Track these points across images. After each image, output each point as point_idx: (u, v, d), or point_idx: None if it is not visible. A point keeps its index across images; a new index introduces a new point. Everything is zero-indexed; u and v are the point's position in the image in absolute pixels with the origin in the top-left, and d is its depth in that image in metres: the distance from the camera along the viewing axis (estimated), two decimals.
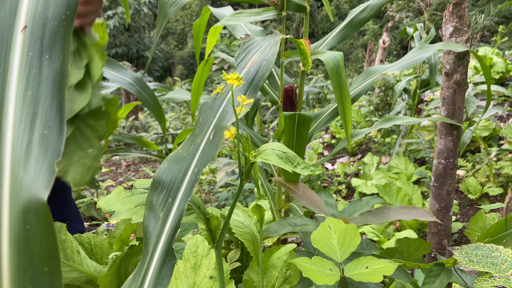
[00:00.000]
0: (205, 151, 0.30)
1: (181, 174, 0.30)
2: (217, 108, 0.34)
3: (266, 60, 0.35)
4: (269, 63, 0.35)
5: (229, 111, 0.33)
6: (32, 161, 0.17)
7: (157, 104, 1.10)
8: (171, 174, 0.30)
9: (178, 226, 0.27)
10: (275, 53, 0.36)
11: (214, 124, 0.33)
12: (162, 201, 0.29)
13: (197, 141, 0.32)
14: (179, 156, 0.31)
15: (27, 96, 0.17)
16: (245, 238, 0.77)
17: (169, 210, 0.29)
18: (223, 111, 0.33)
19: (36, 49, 0.17)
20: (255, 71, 0.35)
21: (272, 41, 0.40)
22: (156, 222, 0.28)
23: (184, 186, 0.29)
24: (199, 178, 0.30)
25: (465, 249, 0.53)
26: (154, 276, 0.26)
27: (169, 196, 0.29)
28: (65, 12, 0.17)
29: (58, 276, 0.16)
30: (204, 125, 0.33)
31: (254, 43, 0.41)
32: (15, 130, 0.17)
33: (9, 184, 0.17)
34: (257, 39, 0.42)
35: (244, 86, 0.34)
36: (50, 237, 0.17)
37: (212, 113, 0.34)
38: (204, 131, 0.33)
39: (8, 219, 0.17)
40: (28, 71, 0.17)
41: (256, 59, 0.36)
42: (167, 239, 0.27)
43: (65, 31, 0.17)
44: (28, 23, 0.17)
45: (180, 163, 0.31)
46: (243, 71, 0.36)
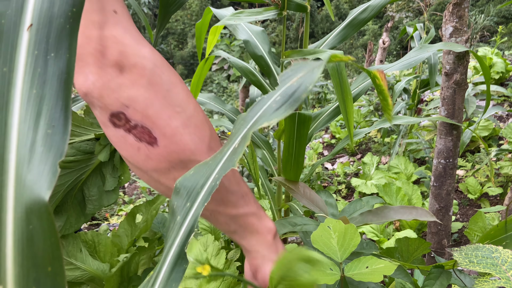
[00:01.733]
0: (228, 159, 0.30)
1: (203, 180, 0.30)
2: (250, 119, 0.34)
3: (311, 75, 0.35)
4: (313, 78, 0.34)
5: (259, 121, 0.32)
6: (36, 161, 0.17)
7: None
8: (193, 180, 0.30)
9: (193, 230, 0.27)
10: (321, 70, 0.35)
11: (243, 134, 0.32)
12: (181, 205, 0.29)
13: (225, 150, 0.32)
14: (205, 165, 0.31)
15: (32, 95, 0.17)
16: None
17: (186, 214, 0.29)
18: (255, 122, 0.33)
19: (41, 48, 0.17)
20: (297, 85, 0.34)
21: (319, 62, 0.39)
22: (174, 226, 0.28)
23: (203, 192, 0.29)
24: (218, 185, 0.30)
25: (465, 250, 0.53)
26: (164, 279, 0.26)
27: (188, 200, 0.29)
28: (71, 9, 0.17)
29: (61, 276, 0.17)
30: (233, 136, 0.33)
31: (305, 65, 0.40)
32: (20, 130, 0.17)
33: (14, 183, 0.17)
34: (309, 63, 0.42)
35: (282, 99, 0.33)
36: (52, 237, 0.17)
37: (245, 124, 0.34)
38: (232, 141, 0.32)
39: (12, 218, 0.17)
40: (33, 69, 0.17)
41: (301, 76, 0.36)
42: (180, 243, 0.27)
43: (71, 29, 0.17)
44: (34, 21, 0.17)
45: (204, 170, 0.31)
46: (285, 86, 0.35)
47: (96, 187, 0.66)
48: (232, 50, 4.53)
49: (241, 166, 2.30)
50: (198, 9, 21.20)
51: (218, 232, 1.21)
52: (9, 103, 0.17)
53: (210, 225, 1.21)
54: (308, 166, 2.89)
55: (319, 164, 1.11)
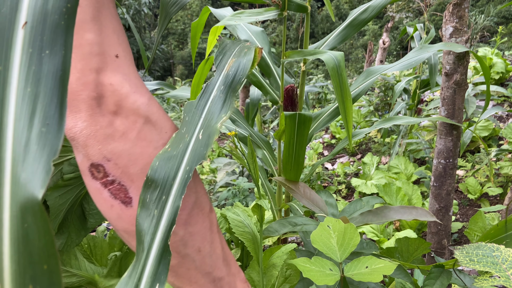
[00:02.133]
0: (195, 150, 0.31)
1: (173, 172, 0.31)
2: (202, 108, 0.36)
3: (242, 65, 0.38)
4: (245, 68, 0.38)
5: (215, 111, 0.34)
6: (30, 159, 0.17)
7: None
8: (163, 173, 0.31)
9: (173, 223, 0.28)
10: (250, 59, 0.39)
11: (201, 123, 0.34)
12: (156, 199, 0.30)
13: (186, 140, 0.32)
14: (169, 155, 0.32)
15: (27, 93, 0.17)
16: (246, 238, 0.77)
17: (163, 207, 0.29)
18: (209, 111, 0.35)
19: (36, 45, 0.17)
20: (232, 74, 0.38)
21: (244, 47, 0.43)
22: (151, 220, 0.29)
23: (176, 184, 0.30)
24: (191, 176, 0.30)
25: (466, 249, 0.53)
26: (151, 272, 0.26)
27: (163, 193, 0.30)
28: (66, 5, 0.17)
29: (57, 274, 0.17)
30: (191, 124, 0.34)
31: (227, 45, 0.44)
32: (15, 128, 0.17)
33: (10, 182, 0.17)
34: (228, 42, 0.46)
35: (225, 89, 0.37)
36: (47, 236, 0.17)
37: (198, 112, 0.35)
38: (192, 130, 0.33)
39: (8, 217, 0.17)
40: (28, 68, 0.17)
41: (232, 63, 0.39)
42: (163, 236, 0.28)
43: (66, 25, 0.17)
44: (28, 18, 0.17)
45: (171, 161, 0.31)
46: (222, 74, 0.39)
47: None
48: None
49: (241, 166, 2.30)
50: (198, 9, 21.23)
51: None
52: (4, 101, 0.17)
53: None
54: (308, 166, 2.89)
55: (319, 164, 1.11)
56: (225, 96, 0.35)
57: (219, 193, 2.15)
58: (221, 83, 0.37)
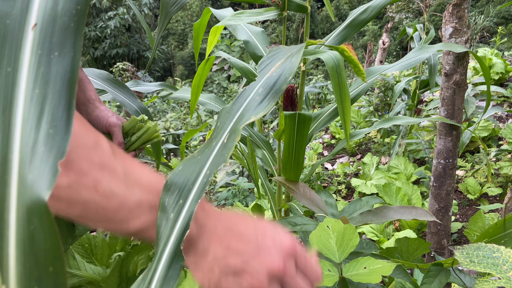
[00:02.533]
0: (218, 154, 0.31)
1: (194, 176, 0.30)
2: (235, 113, 0.34)
3: (290, 64, 0.35)
4: (292, 67, 0.35)
5: (245, 114, 0.33)
6: (37, 161, 0.17)
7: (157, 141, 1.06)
8: (183, 176, 0.30)
9: (187, 228, 0.27)
10: (300, 57, 0.36)
11: (231, 128, 0.32)
12: (173, 202, 0.29)
13: (212, 144, 0.32)
14: (194, 160, 0.31)
15: (35, 94, 0.17)
16: None
17: (179, 211, 0.29)
18: (241, 115, 0.33)
19: (45, 47, 0.17)
20: (277, 75, 0.35)
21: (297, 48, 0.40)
22: (167, 223, 0.28)
23: (195, 188, 0.29)
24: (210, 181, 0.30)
25: (466, 249, 0.53)
26: (161, 276, 0.26)
27: (180, 197, 0.29)
28: (76, 7, 0.17)
29: (63, 276, 0.17)
30: (220, 129, 0.33)
31: (282, 51, 0.41)
32: (23, 129, 0.17)
33: (16, 183, 0.17)
34: (285, 48, 0.42)
35: (264, 91, 0.34)
36: (53, 237, 0.17)
37: (230, 117, 0.34)
38: (220, 135, 0.33)
39: (15, 218, 0.17)
40: (37, 69, 0.17)
41: (280, 65, 0.36)
42: (175, 240, 0.27)
43: (76, 27, 0.17)
44: (38, 20, 0.17)
45: (194, 165, 0.31)
46: (264, 77, 0.36)
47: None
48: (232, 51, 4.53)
49: (241, 166, 2.30)
50: (199, 9, 21.21)
51: None
52: (13, 103, 0.17)
53: None
54: (308, 166, 2.89)
55: (319, 164, 1.11)
56: (262, 98, 0.33)
57: (219, 193, 2.15)
58: (260, 85, 0.35)
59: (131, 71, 6.20)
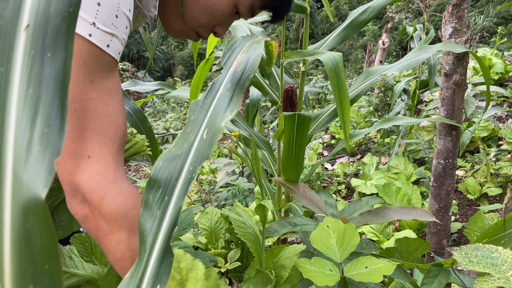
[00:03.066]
0: (199, 149, 0.31)
1: (176, 172, 0.30)
2: (208, 107, 0.35)
3: (251, 61, 0.37)
4: (253, 65, 0.37)
5: (220, 110, 0.33)
6: (32, 160, 0.17)
7: (152, 138, 1.03)
8: (166, 173, 0.31)
9: (176, 224, 0.27)
10: (259, 54, 0.37)
11: (206, 123, 0.33)
12: (158, 199, 0.30)
13: (190, 139, 0.32)
14: (173, 155, 0.31)
15: (29, 94, 0.17)
16: (248, 239, 0.77)
17: (165, 208, 0.29)
18: (214, 110, 0.34)
19: (38, 48, 0.17)
20: (241, 71, 0.37)
21: (254, 42, 0.41)
22: (153, 221, 0.28)
23: (180, 184, 0.30)
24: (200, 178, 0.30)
25: (465, 250, 0.53)
26: (152, 274, 0.26)
27: (166, 194, 0.29)
28: (68, 10, 0.17)
29: (58, 274, 0.17)
30: (195, 124, 0.34)
31: (236, 42, 0.42)
32: (17, 129, 0.17)
33: (11, 182, 0.17)
34: (239, 38, 0.44)
35: (232, 86, 0.35)
36: (49, 235, 0.17)
37: (203, 111, 0.35)
38: (196, 130, 0.33)
39: (10, 217, 0.17)
40: (30, 70, 0.17)
41: (241, 59, 0.38)
42: (164, 237, 0.27)
43: (68, 29, 0.17)
44: (31, 21, 0.17)
45: (175, 161, 0.31)
46: (229, 71, 0.37)
47: (66, 213, 0.64)
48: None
49: (241, 167, 2.30)
50: None
51: (218, 232, 1.21)
52: (6, 103, 0.17)
53: (210, 225, 1.21)
54: (308, 167, 2.89)
55: (319, 164, 1.11)
56: (232, 94, 0.34)
57: (219, 193, 2.15)
58: (228, 80, 0.36)
59: (131, 71, 6.20)
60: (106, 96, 0.45)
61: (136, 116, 1.00)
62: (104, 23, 0.43)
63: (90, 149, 0.42)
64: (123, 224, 0.44)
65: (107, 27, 0.43)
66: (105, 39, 0.43)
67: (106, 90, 0.45)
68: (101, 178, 0.43)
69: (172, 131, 4.33)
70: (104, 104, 0.44)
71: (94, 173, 0.42)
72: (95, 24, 0.42)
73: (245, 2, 0.60)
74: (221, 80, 0.37)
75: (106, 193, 0.43)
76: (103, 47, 0.43)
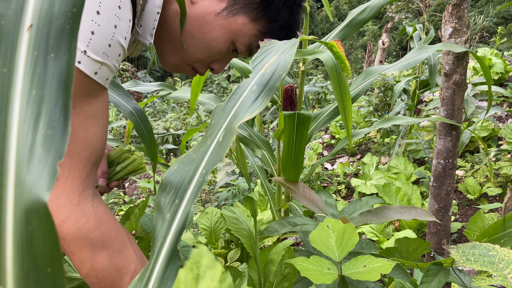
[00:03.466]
0: (214, 153, 0.30)
1: (189, 175, 0.30)
2: (230, 110, 0.34)
3: (283, 61, 0.35)
4: (286, 64, 0.35)
5: (240, 112, 0.32)
6: (35, 162, 0.17)
7: (152, 139, 1.02)
8: (179, 176, 0.30)
9: (184, 227, 0.27)
10: (293, 53, 0.36)
11: (225, 126, 0.32)
12: (169, 202, 0.29)
13: (207, 143, 0.32)
14: (189, 159, 0.31)
15: (31, 96, 0.17)
16: (242, 234, 0.77)
17: (175, 211, 0.29)
18: (235, 113, 0.33)
19: (41, 48, 0.17)
20: (271, 72, 0.35)
21: (291, 43, 0.39)
22: (163, 223, 0.28)
23: (191, 188, 0.29)
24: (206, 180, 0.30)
25: (462, 248, 0.53)
26: (158, 277, 0.26)
27: (176, 197, 0.29)
28: (71, 10, 0.17)
29: (61, 278, 0.16)
30: (215, 128, 0.33)
31: (275, 46, 0.40)
32: (20, 131, 0.17)
33: (13, 185, 0.17)
34: (279, 43, 0.42)
35: (259, 88, 0.34)
36: (52, 239, 0.17)
37: (224, 115, 0.34)
38: (214, 134, 0.32)
39: (12, 220, 0.17)
40: (33, 70, 0.17)
41: (273, 61, 0.36)
42: (172, 240, 0.27)
43: (71, 29, 0.17)
44: (34, 22, 0.17)
45: (189, 165, 0.31)
46: (258, 74, 0.36)
47: None
48: None
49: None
50: None
51: (218, 232, 1.21)
52: (9, 104, 0.17)
53: (210, 225, 1.21)
54: (308, 166, 2.89)
55: (319, 164, 1.11)
56: (257, 96, 0.33)
57: (219, 193, 2.15)
58: (254, 83, 0.35)
59: (131, 71, 6.19)
60: (88, 121, 0.46)
61: (138, 116, 1.00)
62: (95, 52, 0.43)
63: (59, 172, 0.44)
64: (84, 245, 0.46)
65: (98, 55, 0.44)
66: (94, 67, 0.44)
67: (88, 115, 0.46)
68: (64, 201, 0.44)
69: (172, 131, 4.33)
70: (83, 130, 0.45)
71: (59, 195, 0.44)
72: (85, 52, 0.42)
73: (243, 40, 0.60)
74: (248, 83, 0.35)
75: (67, 217, 0.44)
76: (91, 74, 0.44)
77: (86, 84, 0.44)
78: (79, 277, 0.72)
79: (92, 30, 0.42)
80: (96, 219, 0.47)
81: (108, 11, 0.43)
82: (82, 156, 0.45)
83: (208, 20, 0.57)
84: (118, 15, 0.45)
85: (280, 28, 0.62)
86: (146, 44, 0.57)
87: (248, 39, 0.60)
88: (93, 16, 0.42)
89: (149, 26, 0.55)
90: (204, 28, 0.58)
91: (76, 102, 0.44)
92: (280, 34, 0.63)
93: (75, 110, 0.44)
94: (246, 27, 0.59)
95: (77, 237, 0.45)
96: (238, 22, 0.58)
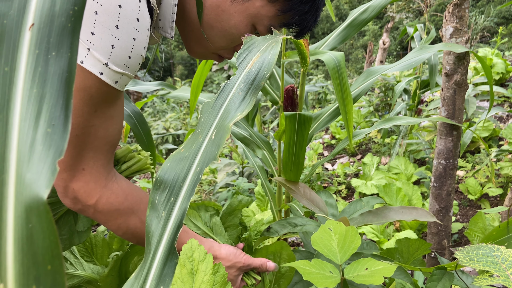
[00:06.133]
0: (207, 150, 0.31)
1: (183, 173, 0.30)
2: (219, 108, 0.35)
3: (267, 60, 0.36)
4: (270, 63, 0.36)
5: (231, 110, 0.33)
6: (35, 160, 0.17)
7: (150, 142, 1.02)
8: (173, 174, 0.30)
9: (180, 225, 0.27)
10: (276, 53, 0.37)
11: (216, 123, 0.33)
12: (164, 200, 0.29)
13: (199, 140, 0.32)
14: (181, 156, 0.31)
15: (32, 94, 0.17)
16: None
17: (171, 209, 0.29)
18: (225, 111, 0.33)
19: (42, 47, 0.17)
20: (256, 71, 0.36)
21: (273, 41, 0.40)
22: (158, 221, 0.28)
23: (186, 186, 0.29)
24: (201, 178, 0.30)
25: (467, 249, 0.53)
26: (156, 275, 0.26)
27: (172, 195, 0.29)
28: (73, 8, 0.17)
29: (61, 275, 0.17)
30: (205, 125, 0.34)
31: (255, 43, 0.41)
32: (21, 129, 0.17)
33: (14, 182, 0.17)
34: (258, 39, 0.43)
35: (246, 86, 0.35)
36: (52, 236, 0.17)
37: (214, 112, 0.34)
38: (206, 131, 0.33)
39: (13, 217, 0.17)
40: (34, 69, 0.17)
41: (257, 59, 0.37)
42: (169, 238, 0.27)
43: (73, 27, 0.17)
44: (36, 20, 0.17)
45: (183, 162, 0.31)
46: (244, 72, 0.37)
47: (67, 227, 0.64)
48: None
49: (241, 167, 2.30)
50: None
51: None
52: (10, 102, 0.17)
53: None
54: (308, 167, 2.89)
55: (319, 164, 1.11)
56: (245, 94, 0.34)
57: (219, 193, 2.15)
58: (241, 81, 0.35)
59: None
60: (107, 122, 0.51)
61: (136, 119, 1.01)
62: (116, 64, 0.46)
63: (85, 163, 0.50)
64: (118, 214, 0.55)
65: (119, 67, 0.47)
66: (115, 77, 0.47)
67: (108, 117, 0.51)
68: (94, 185, 0.52)
69: (172, 131, 4.33)
70: (103, 129, 0.51)
71: (88, 181, 0.51)
72: (107, 65, 0.46)
73: (263, 23, 0.59)
74: (234, 81, 0.36)
75: (100, 197, 0.53)
76: (112, 84, 0.48)
77: (108, 92, 0.48)
78: (79, 274, 0.72)
79: (112, 44, 0.44)
80: (123, 193, 0.55)
81: (127, 25, 0.45)
82: (103, 149, 0.52)
83: (225, 8, 0.57)
84: (136, 28, 0.46)
85: (302, 3, 0.59)
86: (168, 37, 0.58)
87: (268, 21, 0.59)
88: (112, 31, 0.44)
89: (168, 19, 0.56)
90: (222, 16, 0.57)
91: (98, 107, 0.48)
92: (303, 9, 0.60)
93: (97, 114, 0.49)
94: (264, 9, 0.58)
95: (111, 210, 0.54)
96: (255, 5, 0.57)
